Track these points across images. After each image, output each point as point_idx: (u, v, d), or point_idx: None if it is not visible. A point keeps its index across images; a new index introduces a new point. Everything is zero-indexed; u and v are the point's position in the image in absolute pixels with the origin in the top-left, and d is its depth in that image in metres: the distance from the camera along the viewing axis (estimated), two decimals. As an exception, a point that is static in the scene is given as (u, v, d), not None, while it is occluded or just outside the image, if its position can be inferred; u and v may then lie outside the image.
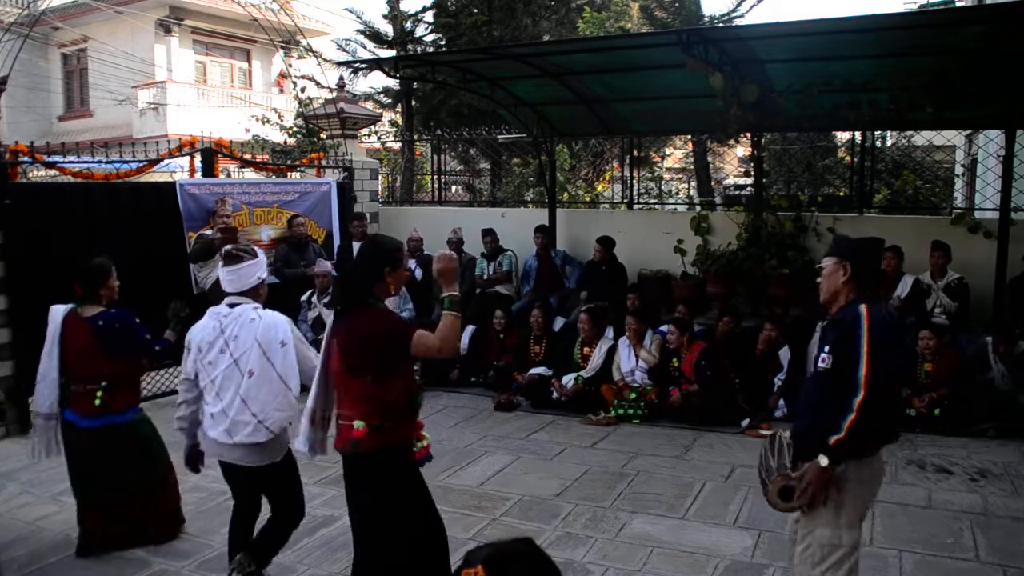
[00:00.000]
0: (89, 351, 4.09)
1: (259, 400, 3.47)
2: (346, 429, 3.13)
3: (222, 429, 3.54)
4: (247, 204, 8.11)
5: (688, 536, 4.37)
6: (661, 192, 11.99)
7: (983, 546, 4.18)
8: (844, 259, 2.95)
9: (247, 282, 3.68)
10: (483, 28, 14.45)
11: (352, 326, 3.14)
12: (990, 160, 9.92)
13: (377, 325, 3.12)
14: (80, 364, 4.09)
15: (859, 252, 2.97)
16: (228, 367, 3.54)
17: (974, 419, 5.99)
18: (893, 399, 2.74)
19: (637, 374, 6.86)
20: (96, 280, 4.21)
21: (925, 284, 6.94)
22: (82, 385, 4.09)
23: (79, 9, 20.61)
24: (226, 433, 3.53)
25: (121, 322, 4.16)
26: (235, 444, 3.52)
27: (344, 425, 3.15)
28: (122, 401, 4.18)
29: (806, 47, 6.51)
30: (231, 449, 3.56)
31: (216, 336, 3.58)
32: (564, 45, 8.36)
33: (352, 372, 3.12)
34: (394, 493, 3.15)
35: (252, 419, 3.46)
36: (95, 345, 4.09)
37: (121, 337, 4.13)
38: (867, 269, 2.97)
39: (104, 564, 4.15)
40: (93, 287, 4.20)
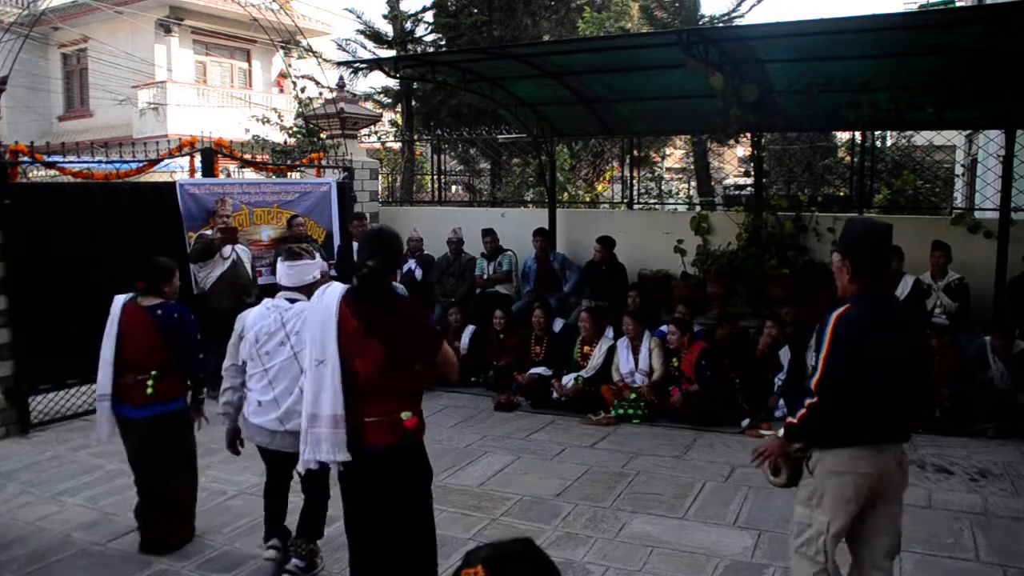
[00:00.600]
0: (144, 338, 4.23)
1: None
2: (391, 423, 3.12)
3: (273, 417, 3.75)
4: (247, 204, 8.11)
5: (688, 536, 4.37)
6: (661, 192, 12.00)
7: (983, 546, 4.18)
8: (844, 256, 2.98)
9: (304, 279, 3.88)
10: (483, 28, 14.45)
11: (390, 319, 3.14)
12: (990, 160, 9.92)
13: (416, 312, 3.29)
14: (134, 351, 4.22)
15: (857, 247, 2.98)
16: (287, 360, 3.76)
17: (974, 419, 5.99)
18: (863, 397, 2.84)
19: (637, 375, 6.86)
20: (159, 277, 4.40)
21: (925, 284, 6.94)
22: (132, 376, 4.21)
23: (79, 9, 20.61)
24: (278, 421, 3.74)
25: (179, 312, 4.35)
26: (286, 431, 3.71)
27: (385, 420, 3.12)
28: (172, 390, 4.31)
29: (806, 47, 6.51)
30: (282, 436, 3.75)
31: (276, 328, 3.79)
32: (564, 45, 8.36)
33: (399, 364, 3.13)
34: (429, 478, 3.29)
35: None
36: (151, 332, 4.23)
37: (177, 327, 4.29)
38: (868, 264, 2.95)
39: (104, 564, 4.15)
40: (156, 283, 4.39)
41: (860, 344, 2.84)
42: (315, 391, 3.14)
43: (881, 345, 2.86)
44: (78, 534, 4.50)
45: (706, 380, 6.49)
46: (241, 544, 4.35)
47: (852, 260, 2.95)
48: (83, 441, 6.20)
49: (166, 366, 4.25)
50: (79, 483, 5.31)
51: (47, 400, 6.76)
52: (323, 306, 3.16)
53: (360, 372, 3.12)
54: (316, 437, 3.14)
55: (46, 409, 6.73)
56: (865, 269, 2.95)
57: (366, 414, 3.13)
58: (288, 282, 3.88)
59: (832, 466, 2.91)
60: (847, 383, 2.85)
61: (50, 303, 6.60)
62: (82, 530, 4.55)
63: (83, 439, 6.25)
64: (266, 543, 4.09)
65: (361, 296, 3.18)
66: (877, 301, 2.97)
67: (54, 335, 6.59)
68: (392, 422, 3.12)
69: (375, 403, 3.13)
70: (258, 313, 3.90)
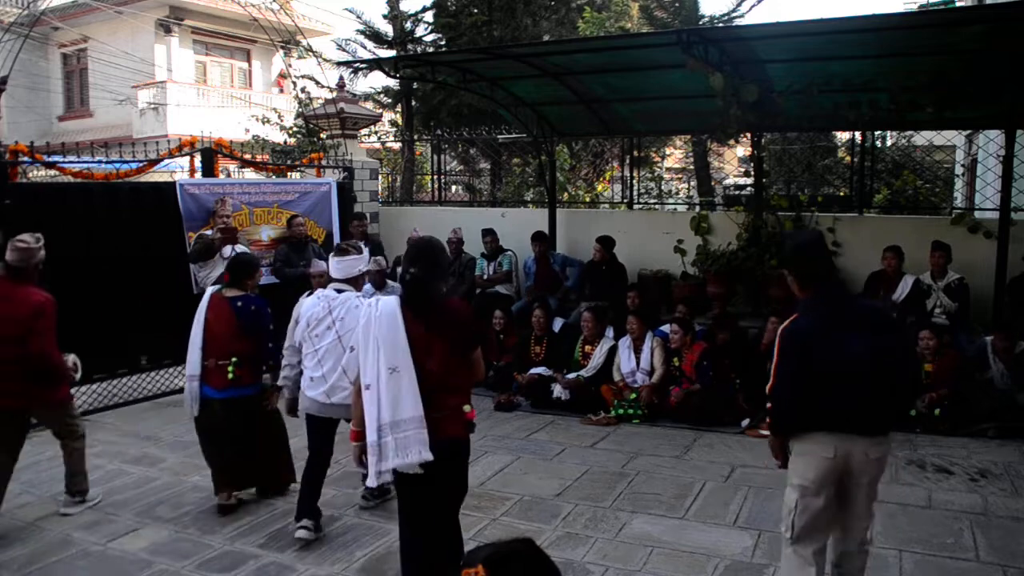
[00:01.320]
0: (226, 326, 4.68)
1: (355, 370, 3.79)
2: (457, 415, 3.38)
3: (321, 391, 4.29)
4: (247, 204, 8.11)
5: (688, 536, 4.37)
6: (661, 192, 11.98)
7: (983, 546, 4.18)
8: (788, 271, 3.36)
9: (351, 272, 4.39)
10: (483, 28, 14.45)
11: (454, 318, 3.43)
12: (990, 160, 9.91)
13: (463, 309, 3.62)
14: (216, 337, 4.68)
15: (794, 259, 3.35)
16: (332, 342, 4.29)
17: (974, 419, 5.99)
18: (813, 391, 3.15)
19: (638, 375, 6.86)
20: (243, 272, 4.87)
21: (925, 284, 6.94)
22: (214, 360, 4.67)
23: (79, 9, 20.61)
24: (325, 394, 4.28)
25: (257, 305, 4.80)
26: (332, 403, 4.28)
27: (451, 414, 3.36)
28: (249, 376, 4.77)
29: (806, 47, 6.51)
30: (329, 407, 4.31)
31: (325, 314, 4.32)
32: (564, 45, 8.35)
33: (459, 360, 3.41)
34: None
35: (349, 386, 4.06)
36: (232, 322, 4.69)
37: (255, 319, 4.74)
38: (809, 271, 3.29)
39: (104, 564, 4.15)
40: (239, 277, 4.85)
41: (808, 349, 3.14)
42: (393, 398, 3.26)
43: (834, 345, 3.12)
44: (78, 534, 4.50)
45: (707, 380, 6.50)
46: (241, 544, 4.35)
47: (794, 272, 3.30)
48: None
49: (243, 353, 4.70)
50: (79, 483, 5.29)
51: (47, 400, 6.75)
52: (386, 317, 3.33)
53: (432, 370, 3.33)
54: (403, 442, 3.25)
55: (46, 409, 6.72)
56: (808, 276, 3.27)
57: (435, 409, 3.32)
58: (337, 275, 4.37)
59: (798, 451, 3.25)
60: (799, 384, 3.17)
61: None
62: (82, 530, 4.56)
63: (83, 439, 6.25)
64: (297, 522, 4.38)
65: (411, 299, 3.40)
66: (832, 303, 3.26)
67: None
68: (458, 415, 3.40)
69: (442, 399, 3.36)
70: (310, 302, 4.43)
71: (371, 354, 3.33)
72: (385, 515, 4.70)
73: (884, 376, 3.15)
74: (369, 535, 4.44)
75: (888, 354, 3.19)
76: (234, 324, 4.68)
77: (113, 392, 7.20)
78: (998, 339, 6.20)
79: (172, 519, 4.70)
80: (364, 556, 4.19)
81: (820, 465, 3.15)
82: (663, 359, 6.82)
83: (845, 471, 3.17)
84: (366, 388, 3.35)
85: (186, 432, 6.29)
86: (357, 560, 4.15)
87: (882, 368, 3.15)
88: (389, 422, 3.26)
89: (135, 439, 6.23)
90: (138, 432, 6.42)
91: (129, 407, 7.15)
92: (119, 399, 7.19)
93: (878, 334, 3.19)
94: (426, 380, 3.31)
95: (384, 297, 3.50)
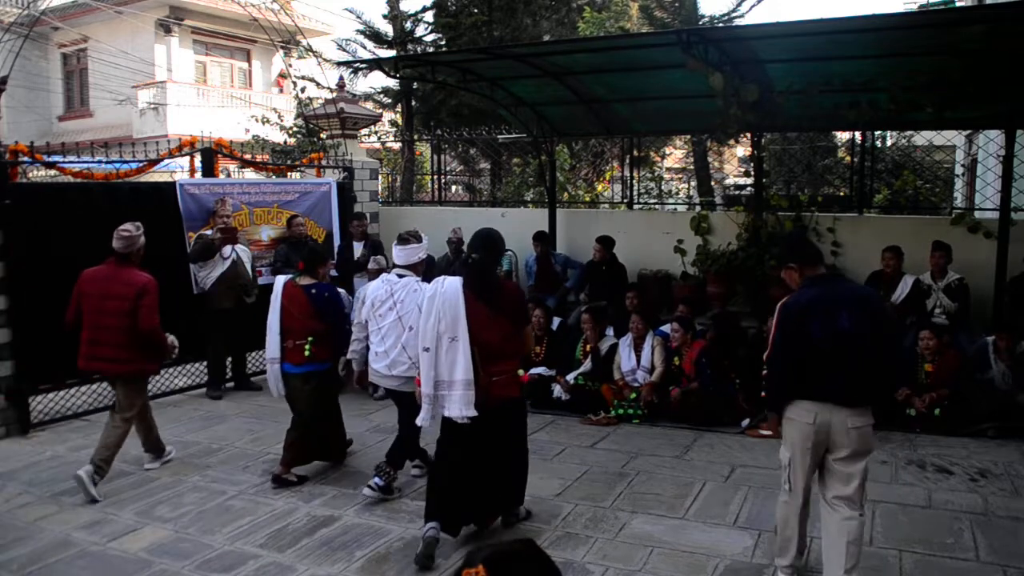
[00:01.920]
0: (302, 311, 5.16)
1: (413, 348, 4.55)
2: (512, 378, 4.17)
3: (384, 364, 4.85)
4: (247, 204, 8.11)
5: (688, 536, 4.37)
6: (661, 192, 11.98)
7: (983, 546, 4.18)
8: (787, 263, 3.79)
9: (411, 259, 4.92)
10: (483, 28, 14.46)
11: (508, 298, 4.21)
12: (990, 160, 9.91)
13: (517, 288, 4.48)
14: (294, 322, 5.17)
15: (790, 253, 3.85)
16: (393, 321, 4.82)
17: (974, 419, 5.99)
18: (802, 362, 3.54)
19: (639, 373, 6.86)
20: (316, 261, 5.38)
21: (925, 284, 6.93)
22: (292, 341, 5.17)
23: (79, 9, 20.62)
24: (387, 367, 4.84)
25: (330, 291, 5.32)
26: (392, 375, 4.84)
27: (508, 378, 4.14)
28: (322, 354, 5.24)
29: (806, 47, 6.50)
30: (390, 379, 4.88)
31: (387, 296, 4.86)
32: (564, 45, 8.35)
33: (515, 331, 4.19)
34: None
35: (408, 360, 4.73)
36: (307, 307, 5.16)
37: (327, 304, 5.22)
38: (800, 260, 3.76)
39: (104, 564, 4.15)
40: (313, 266, 5.34)
41: (799, 322, 3.54)
42: (450, 362, 4.04)
43: (824, 320, 3.48)
44: (78, 534, 4.50)
45: (706, 378, 6.50)
46: (241, 544, 4.35)
47: (794, 259, 3.78)
48: (83, 441, 6.20)
49: (318, 334, 5.17)
50: (79, 483, 5.30)
51: (47, 400, 6.76)
52: (450, 295, 4.07)
53: (489, 341, 4.07)
54: (449, 399, 4.05)
55: (46, 409, 6.73)
56: (806, 259, 3.75)
57: (493, 374, 4.08)
58: (400, 261, 4.94)
59: (787, 416, 3.64)
60: (791, 354, 3.57)
61: (51, 303, 6.60)
62: (82, 530, 4.55)
63: (83, 439, 6.25)
64: (411, 461, 5.26)
65: (470, 282, 4.10)
66: (824, 286, 3.65)
67: (54, 335, 6.58)
68: (512, 378, 4.18)
69: (499, 364, 4.11)
70: (375, 285, 5.01)
71: (432, 323, 4.07)
72: (385, 515, 4.70)
73: (866, 353, 3.47)
74: (369, 535, 4.44)
75: (872, 333, 3.49)
76: (309, 309, 5.16)
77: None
78: (1001, 339, 6.20)
79: (172, 519, 4.70)
80: (364, 556, 4.19)
81: (803, 430, 3.55)
82: (663, 358, 6.82)
83: (826, 438, 3.52)
84: (425, 350, 4.09)
85: (186, 432, 6.30)
86: (357, 560, 4.15)
87: (865, 346, 3.47)
88: (446, 380, 4.04)
89: (135, 439, 6.20)
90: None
91: (129, 407, 7.14)
92: (119, 399, 7.18)
93: (865, 315, 3.51)
94: (484, 349, 4.05)
95: (450, 278, 4.18)
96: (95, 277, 5.22)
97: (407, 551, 4.22)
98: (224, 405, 7.27)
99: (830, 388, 3.47)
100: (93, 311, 5.13)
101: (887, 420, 6.14)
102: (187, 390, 7.68)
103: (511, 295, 4.24)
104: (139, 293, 5.06)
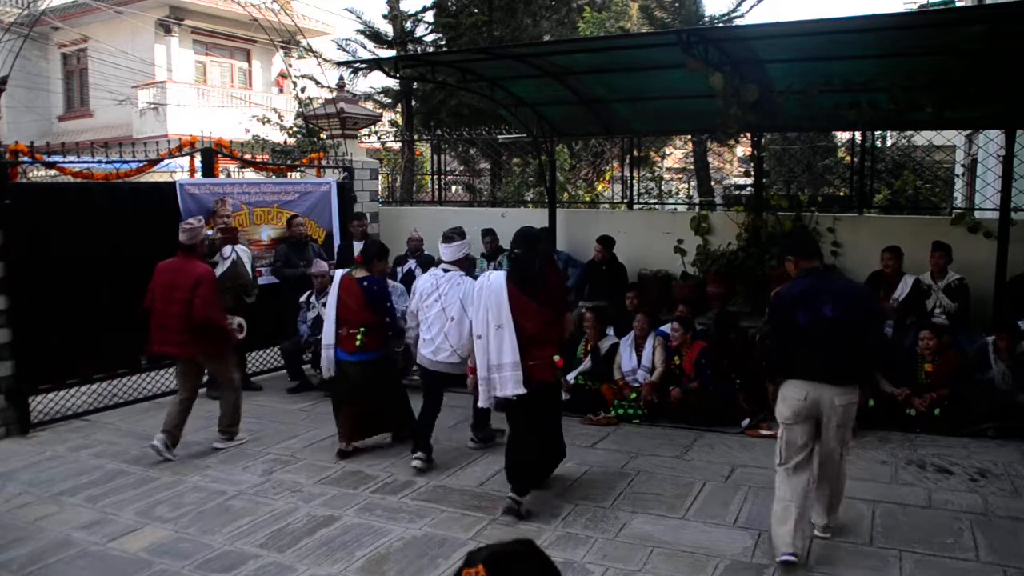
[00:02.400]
0: (355, 303, 5.59)
1: (455, 336, 5.27)
2: (547, 364, 4.64)
3: (430, 350, 5.39)
4: (247, 204, 8.11)
5: (688, 536, 4.37)
6: (661, 192, 11.98)
7: (983, 546, 4.18)
8: (789, 256, 4.24)
9: (456, 255, 5.44)
10: (483, 28, 14.46)
11: (547, 288, 4.70)
12: (990, 160, 9.91)
13: (557, 279, 4.99)
14: (348, 312, 5.60)
15: (793, 247, 4.29)
16: (438, 312, 5.34)
17: (974, 419, 5.98)
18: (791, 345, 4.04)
19: (639, 373, 6.86)
20: (373, 255, 5.79)
21: (925, 284, 6.93)
22: (346, 329, 5.60)
23: (79, 9, 20.61)
24: (432, 353, 5.38)
25: (379, 285, 5.69)
26: (437, 360, 5.38)
27: (543, 363, 4.62)
28: (374, 343, 5.62)
29: (806, 47, 6.50)
30: (435, 364, 5.41)
31: (433, 289, 5.41)
32: (564, 45, 8.34)
33: (553, 319, 4.68)
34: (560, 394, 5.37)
35: (450, 348, 5.31)
36: (360, 299, 5.58)
37: (375, 296, 5.61)
38: (800, 254, 4.19)
39: (104, 564, 4.15)
40: (369, 259, 5.76)
41: (792, 310, 4.01)
42: (497, 347, 4.58)
43: (812, 309, 3.94)
44: (78, 534, 4.50)
45: (706, 378, 6.49)
46: (241, 544, 4.35)
47: (794, 252, 4.23)
48: (83, 441, 6.20)
49: (369, 324, 5.57)
50: (79, 483, 5.31)
51: (47, 400, 6.76)
52: (495, 288, 4.64)
53: (528, 329, 4.59)
54: (502, 380, 4.59)
55: (46, 409, 6.73)
56: (805, 253, 4.21)
57: (531, 359, 4.59)
58: (446, 257, 5.45)
59: (781, 394, 4.07)
60: (782, 336, 4.10)
61: (50, 303, 6.61)
62: (82, 530, 4.56)
63: (83, 439, 6.26)
64: (413, 454, 5.42)
65: (513, 275, 4.67)
66: (815, 278, 4.10)
67: (54, 335, 6.59)
68: (549, 363, 4.65)
69: (537, 350, 4.61)
70: (423, 278, 5.57)
71: (482, 313, 4.66)
72: (385, 515, 4.71)
73: (850, 339, 3.91)
74: (369, 535, 4.44)
75: (856, 322, 3.94)
76: (361, 300, 5.57)
77: (113, 392, 7.20)
78: (1000, 339, 6.20)
79: (172, 519, 4.70)
80: (364, 556, 4.19)
81: (795, 406, 3.98)
82: (664, 358, 6.81)
83: (816, 412, 3.97)
84: (478, 338, 4.67)
85: (186, 432, 6.30)
86: (357, 560, 4.15)
87: (848, 333, 3.91)
88: (496, 363, 4.59)
89: (135, 439, 6.23)
90: (138, 432, 6.41)
91: (129, 407, 7.15)
92: (119, 399, 7.19)
93: (849, 306, 3.96)
94: (522, 335, 4.57)
95: (496, 272, 4.76)
96: (166, 269, 5.71)
97: (407, 551, 4.22)
98: (224, 405, 7.27)
99: (817, 368, 3.94)
100: (161, 299, 5.63)
101: (887, 420, 6.15)
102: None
103: (550, 286, 4.74)
104: (195, 284, 5.52)
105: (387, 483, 5.23)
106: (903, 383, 6.23)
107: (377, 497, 4.98)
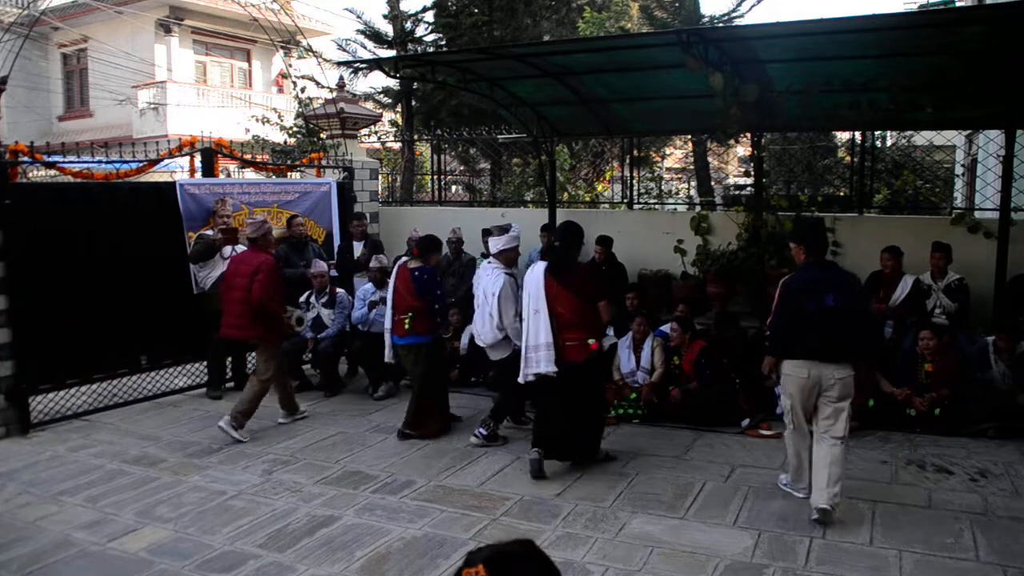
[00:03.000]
0: (406, 290, 6.09)
1: (479, 323, 5.96)
2: (581, 346, 5.16)
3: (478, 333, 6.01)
4: (247, 204, 8.11)
5: (688, 536, 4.37)
6: (661, 192, 11.97)
7: (983, 546, 4.18)
8: (798, 242, 4.83)
9: (497, 247, 5.96)
10: (483, 28, 14.45)
11: (578, 277, 5.29)
12: (990, 160, 9.90)
13: (590, 272, 5.84)
14: (400, 298, 6.13)
15: (806, 234, 4.80)
16: (482, 299, 5.94)
17: (974, 419, 5.98)
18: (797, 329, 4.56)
19: (639, 374, 6.85)
20: (429, 249, 6.31)
21: (925, 284, 6.92)
22: (397, 315, 6.12)
23: (79, 9, 20.62)
24: (479, 336, 6.00)
25: (428, 275, 6.15)
26: (484, 342, 5.95)
27: (576, 345, 5.17)
28: (422, 328, 6.09)
29: (806, 47, 6.50)
30: (484, 345, 6.01)
31: (479, 279, 6.11)
32: (564, 45, 8.33)
33: (585, 306, 5.18)
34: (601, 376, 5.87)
35: (492, 331, 5.84)
36: (410, 286, 6.07)
37: (423, 284, 6.07)
38: (811, 244, 4.71)
39: (104, 564, 4.15)
40: (427, 252, 6.26)
41: (795, 296, 4.58)
42: (535, 330, 5.20)
43: (814, 297, 4.49)
44: (78, 534, 4.50)
45: (705, 379, 6.49)
46: (242, 544, 4.35)
47: (804, 244, 4.76)
48: (83, 441, 6.21)
49: (418, 309, 6.05)
50: (79, 483, 5.31)
51: (47, 400, 6.76)
52: (535, 277, 5.27)
53: (562, 314, 5.19)
54: (536, 359, 5.19)
55: (46, 409, 6.73)
56: (809, 248, 4.70)
57: (566, 340, 5.18)
58: (492, 250, 6.02)
59: (785, 372, 4.66)
60: (787, 321, 4.62)
61: (50, 303, 6.61)
62: (82, 530, 4.56)
63: (83, 439, 6.26)
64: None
65: (554, 264, 5.27)
66: (818, 268, 4.64)
67: (54, 335, 6.59)
68: (582, 345, 5.17)
69: (571, 333, 5.18)
70: (480, 270, 6.28)
71: (524, 300, 5.33)
72: (385, 515, 4.71)
73: (846, 323, 4.45)
74: (369, 535, 4.44)
75: (850, 309, 4.49)
76: (411, 287, 6.04)
77: (113, 392, 7.20)
78: (1001, 340, 6.20)
79: (172, 519, 4.70)
80: (364, 556, 4.19)
81: (798, 382, 4.57)
82: (663, 358, 6.81)
83: (818, 386, 4.51)
84: (522, 321, 5.35)
85: (186, 432, 6.31)
86: (357, 560, 4.15)
87: (844, 318, 4.45)
88: (532, 344, 5.21)
89: (135, 439, 6.24)
90: (138, 432, 6.42)
91: (129, 407, 7.15)
92: (119, 399, 7.19)
93: (846, 295, 4.51)
94: (559, 320, 5.18)
95: (539, 262, 5.37)
96: (236, 259, 6.36)
97: (407, 551, 4.22)
98: (224, 405, 7.24)
99: (819, 348, 4.48)
100: (228, 287, 6.19)
101: (887, 420, 6.16)
102: (187, 390, 7.69)
103: (582, 276, 5.32)
104: (255, 271, 5.98)
105: (387, 483, 5.23)
106: (903, 383, 6.24)
107: (377, 497, 4.98)
